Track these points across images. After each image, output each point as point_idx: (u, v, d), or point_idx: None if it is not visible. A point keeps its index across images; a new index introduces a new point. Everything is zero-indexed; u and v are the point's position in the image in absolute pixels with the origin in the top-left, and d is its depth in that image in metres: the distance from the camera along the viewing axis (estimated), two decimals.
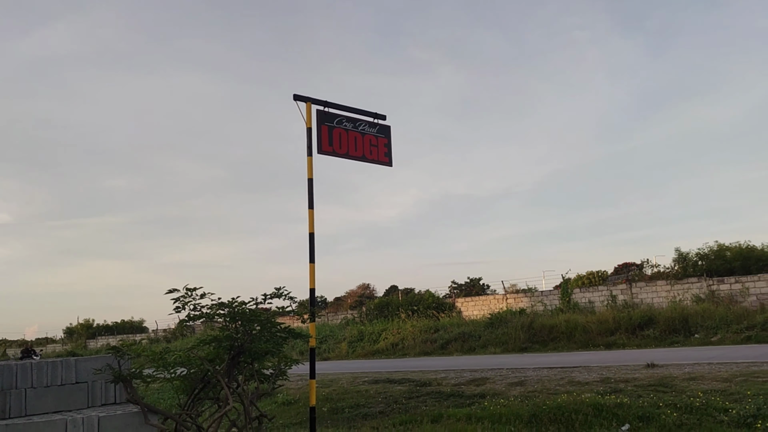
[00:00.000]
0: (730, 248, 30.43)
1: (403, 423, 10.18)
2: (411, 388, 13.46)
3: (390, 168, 6.97)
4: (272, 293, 5.36)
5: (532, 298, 33.13)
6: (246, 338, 5.08)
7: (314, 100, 6.35)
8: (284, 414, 12.30)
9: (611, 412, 9.21)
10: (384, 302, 37.58)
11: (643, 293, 29.68)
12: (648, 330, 23.02)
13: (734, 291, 26.86)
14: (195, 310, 5.16)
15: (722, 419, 8.48)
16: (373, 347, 29.20)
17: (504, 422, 9.35)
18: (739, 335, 20.34)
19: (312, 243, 6.02)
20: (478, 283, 44.91)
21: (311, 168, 6.12)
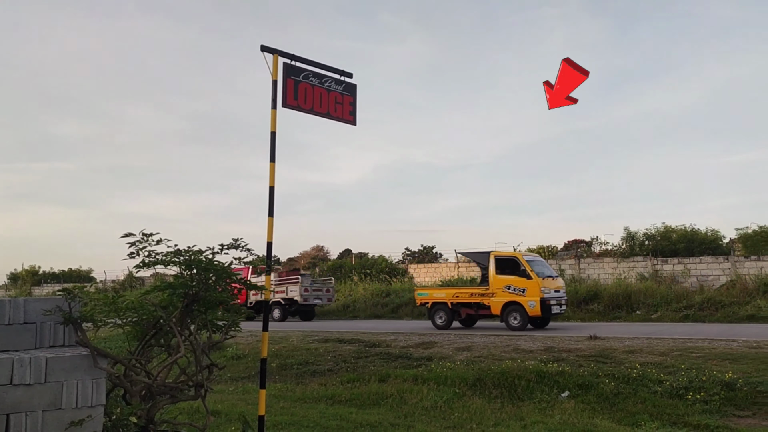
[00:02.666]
0: (676, 230, 31.40)
1: (351, 381, 10.36)
2: (360, 348, 13.64)
3: (351, 132, 7.01)
4: (229, 244, 5.33)
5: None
6: (201, 287, 5.07)
7: (281, 52, 6.27)
8: (233, 368, 12.37)
9: (553, 379, 9.55)
10: (337, 265, 37.71)
11: (591, 269, 30.45)
12: (593, 304, 23.72)
13: (677, 271, 27.79)
14: (150, 256, 5.11)
15: (656, 390, 8.88)
16: (325, 308, 29.36)
17: (449, 384, 9.61)
18: (678, 313, 21.13)
19: (272, 197, 6.01)
20: (432, 251, 45.40)
21: (275, 121, 6.07)
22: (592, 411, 8.24)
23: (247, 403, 8.71)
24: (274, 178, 6.00)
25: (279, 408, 8.47)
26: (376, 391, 9.42)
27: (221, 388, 10.39)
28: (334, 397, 9.35)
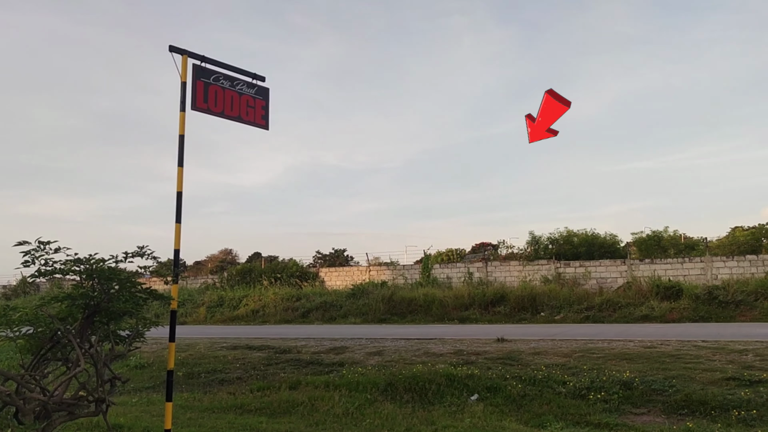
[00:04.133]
0: (578, 234, 32.79)
1: (261, 389, 10.15)
2: (270, 355, 13.43)
3: (262, 133, 6.86)
4: (134, 251, 5.10)
5: (394, 271, 33.95)
6: (103, 297, 4.82)
7: (191, 53, 6.06)
8: (137, 378, 11.87)
9: (462, 382, 9.69)
10: (246, 268, 37.03)
11: (498, 272, 31.31)
12: (500, 307, 24.33)
13: (578, 274, 28.99)
14: (47, 265, 4.81)
15: (560, 391, 9.17)
16: (233, 313, 28.76)
17: (361, 390, 9.57)
18: (580, 315, 22.01)
19: (179, 202, 5.79)
20: (343, 254, 45.38)
21: (183, 124, 5.86)
22: (500, 413, 8.42)
23: (152, 416, 8.36)
24: (182, 182, 5.79)
25: (186, 419, 8.18)
26: (287, 399, 9.27)
27: (124, 400, 9.94)
28: (244, 406, 9.12)
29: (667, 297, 22.20)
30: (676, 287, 22.74)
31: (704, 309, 20.67)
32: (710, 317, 20.00)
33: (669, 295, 22.25)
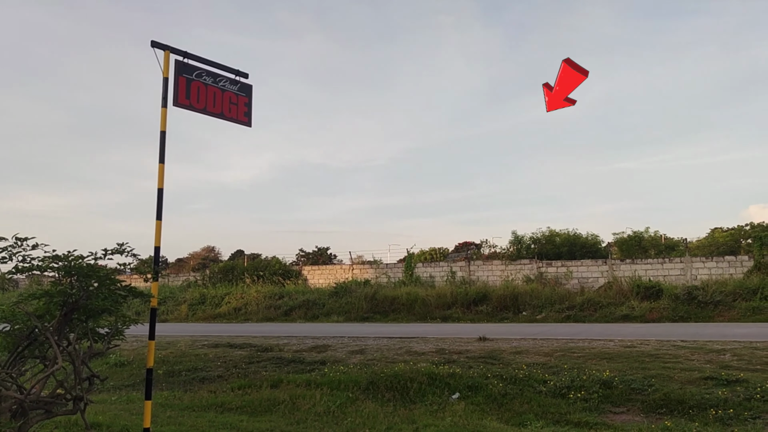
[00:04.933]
0: (560, 234, 32.99)
1: (242, 387, 10.10)
2: (252, 353, 13.37)
3: (245, 130, 6.82)
4: (114, 249, 5.05)
5: (377, 269, 33.95)
6: (81, 294, 4.76)
7: (173, 49, 6.01)
8: (117, 375, 11.78)
9: (444, 381, 9.72)
10: (229, 266, 36.83)
11: (480, 271, 31.40)
12: (482, 306, 24.42)
13: (560, 273, 29.17)
14: (24, 261, 4.75)
15: (541, 390, 9.23)
16: (215, 311, 28.60)
17: (342, 388, 9.57)
18: (561, 314, 22.14)
19: (160, 199, 5.75)
20: (326, 253, 45.29)
21: (165, 120, 5.81)
22: (481, 412, 8.45)
23: (131, 414, 8.30)
24: (164, 179, 5.75)
25: (166, 417, 8.13)
26: (268, 397, 9.23)
27: (103, 398, 9.86)
28: (224, 404, 9.08)
29: (647, 297, 22.40)
30: (656, 287, 22.96)
31: (683, 309, 20.89)
32: (689, 317, 20.22)
33: (649, 295, 22.46)
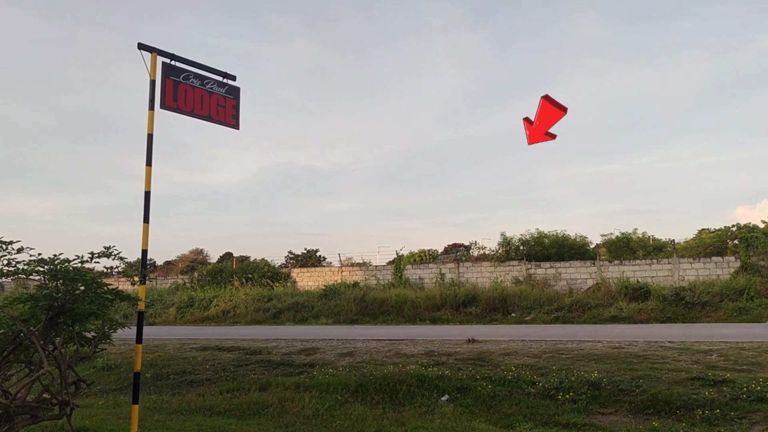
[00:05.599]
0: (548, 236, 33.09)
1: (231, 391, 10.06)
2: (240, 356, 13.32)
3: (233, 132, 6.79)
4: (101, 252, 5.02)
5: (366, 271, 33.92)
6: (67, 298, 4.73)
7: (160, 51, 5.97)
8: (104, 379, 11.70)
9: (433, 383, 9.72)
10: (217, 269, 36.70)
11: (469, 273, 31.46)
12: (471, 307, 24.45)
13: (548, 275, 29.27)
14: (9, 265, 4.71)
15: (530, 391, 9.25)
16: (204, 314, 28.49)
17: (331, 391, 9.55)
18: (550, 315, 22.21)
19: (147, 202, 5.72)
20: (315, 255, 45.24)
21: (152, 123, 5.78)
22: (470, 414, 8.45)
23: (118, 418, 8.24)
24: (151, 182, 5.72)
25: (153, 421, 8.08)
26: (257, 400, 9.20)
27: (90, 402, 9.78)
28: (213, 408, 9.04)
29: (635, 298, 22.53)
30: (644, 288, 23.09)
31: (671, 310, 21.02)
32: (677, 318, 20.34)
33: (637, 296, 22.59)
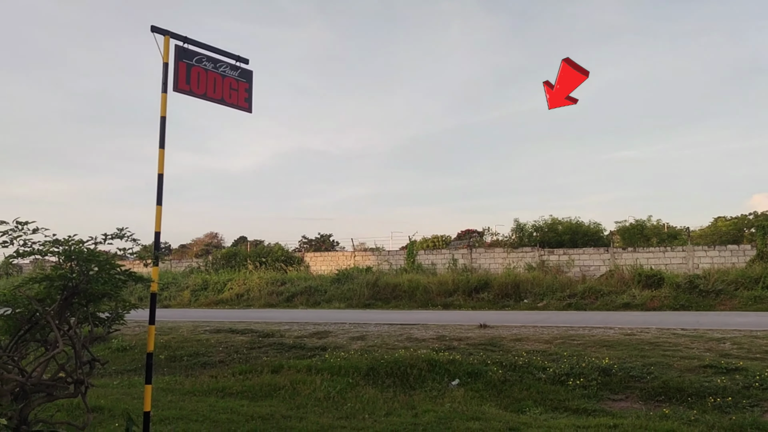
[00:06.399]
0: (562, 222, 32.99)
1: (243, 372, 10.17)
2: (253, 338, 13.43)
3: (247, 117, 6.80)
4: (114, 233, 5.06)
5: (379, 257, 34.00)
6: (82, 279, 4.78)
7: (173, 34, 5.99)
8: (119, 360, 11.86)
9: (444, 367, 9.77)
10: (231, 252, 36.92)
11: (482, 259, 31.43)
12: (483, 293, 24.46)
13: (562, 261, 29.18)
14: (25, 245, 4.77)
15: (540, 377, 9.27)
16: (218, 297, 28.70)
17: (343, 374, 9.62)
18: (562, 302, 22.17)
19: (160, 184, 5.76)
20: (328, 240, 45.41)
21: (165, 105, 5.81)
22: (480, 398, 8.49)
23: (132, 398, 8.36)
24: (164, 164, 5.76)
25: (167, 402, 8.19)
26: (269, 382, 9.29)
27: (105, 382, 9.92)
28: (225, 389, 9.14)
29: (648, 285, 22.43)
30: (657, 276, 22.97)
31: (685, 297, 20.91)
32: (690, 306, 20.24)
33: (650, 284, 22.48)
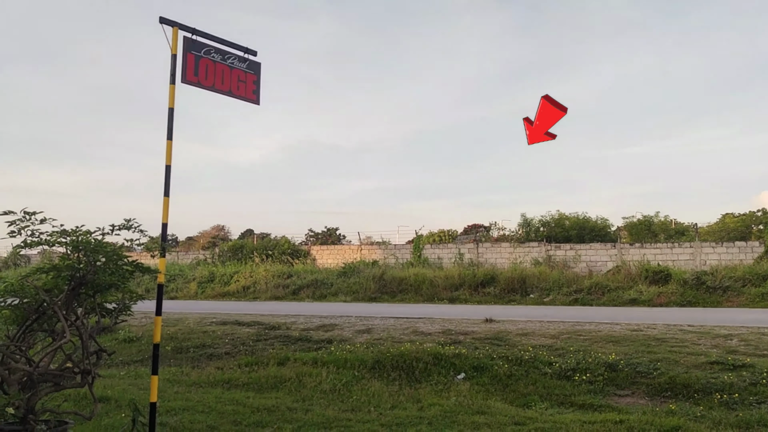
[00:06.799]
0: (569, 218, 32.89)
1: (249, 364, 10.19)
2: (259, 331, 13.46)
3: (255, 109, 6.80)
4: (121, 224, 5.07)
5: (385, 250, 33.99)
6: (89, 269, 4.80)
7: (182, 25, 5.99)
8: (125, 351, 11.91)
9: (449, 361, 9.76)
10: (238, 245, 37.01)
11: (488, 253, 31.38)
12: (489, 288, 24.42)
13: (568, 257, 29.11)
14: (33, 236, 4.79)
15: (546, 371, 9.25)
16: (224, 289, 28.77)
17: (349, 367, 9.63)
18: (569, 297, 22.12)
19: (168, 176, 5.76)
20: (335, 233, 45.44)
21: (173, 97, 5.81)
22: (486, 393, 8.49)
23: (139, 389, 8.40)
24: (171, 156, 5.75)
25: (173, 393, 8.22)
26: (275, 374, 9.31)
27: (112, 373, 9.97)
28: (231, 381, 9.17)
29: (655, 281, 22.36)
30: (664, 272, 22.90)
31: (692, 294, 20.82)
32: (698, 302, 20.16)
33: (657, 280, 22.41)
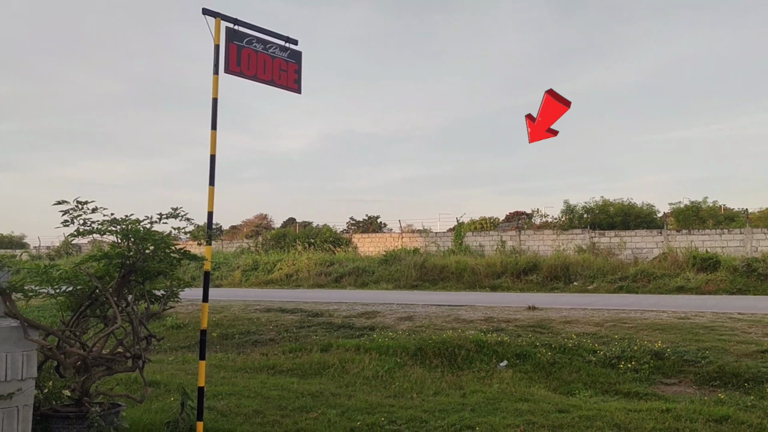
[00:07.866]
0: (614, 204, 32.36)
1: (293, 351, 10.34)
2: (303, 318, 13.61)
3: (295, 99, 6.85)
4: (168, 213, 5.19)
5: (426, 238, 33.97)
6: (138, 257, 4.93)
7: (224, 16, 6.06)
8: (173, 337, 12.19)
9: (492, 349, 9.74)
10: (281, 233, 37.43)
11: (531, 241, 31.10)
12: (532, 275, 24.19)
13: (613, 244, 28.65)
14: (85, 225, 4.94)
15: (590, 359, 9.16)
16: (267, 277, 29.15)
17: (391, 354, 9.69)
18: (613, 285, 21.78)
19: (213, 165, 5.85)
20: (376, 221, 45.56)
21: (217, 87, 5.89)
22: (529, 380, 8.45)
23: (186, 374, 8.60)
24: (215, 145, 5.85)
25: (219, 378, 8.40)
26: (318, 360, 9.43)
27: (160, 358, 10.23)
28: (276, 366, 9.32)
29: (703, 268, 21.85)
30: (713, 259, 22.35)
31: (742, 281, 20.29)
32: (748, 290, 19.65)
33: (706, 267, 21.90)
